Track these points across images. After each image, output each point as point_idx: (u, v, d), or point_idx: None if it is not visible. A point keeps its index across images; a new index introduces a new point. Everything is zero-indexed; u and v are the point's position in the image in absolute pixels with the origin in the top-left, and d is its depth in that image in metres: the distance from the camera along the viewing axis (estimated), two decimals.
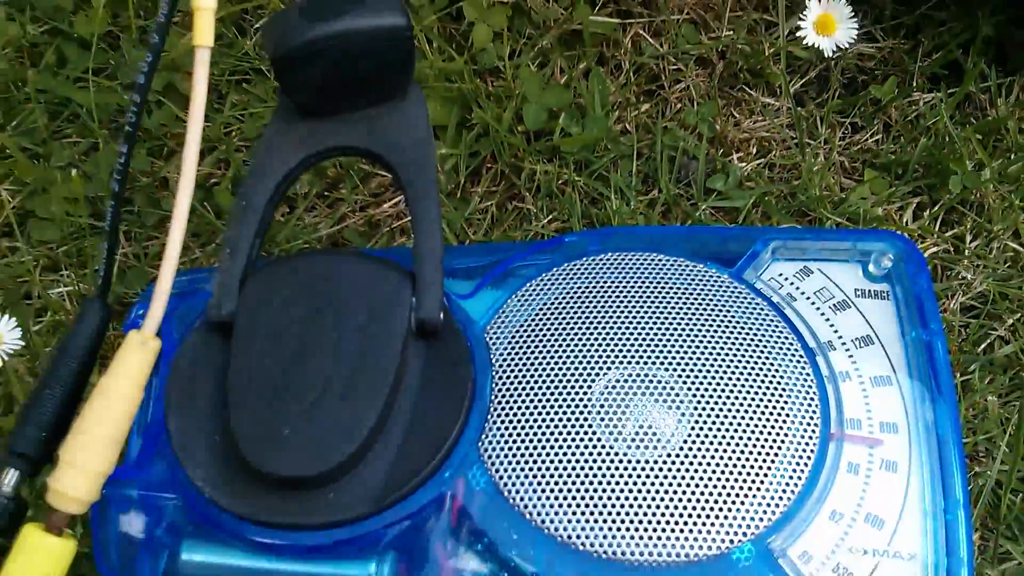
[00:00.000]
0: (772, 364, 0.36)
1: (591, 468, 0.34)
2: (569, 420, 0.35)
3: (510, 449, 0.35)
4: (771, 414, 0.35)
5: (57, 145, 0.54)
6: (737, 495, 0.33)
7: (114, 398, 0.34)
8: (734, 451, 0.34)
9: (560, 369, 0.36)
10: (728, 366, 0.36)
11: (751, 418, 0.34)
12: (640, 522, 0.33)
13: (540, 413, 0.35)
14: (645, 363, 0.36)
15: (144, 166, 0.52)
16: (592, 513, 0.33)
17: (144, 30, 0.57)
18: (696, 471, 0.33)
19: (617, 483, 0.33)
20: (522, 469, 0.34)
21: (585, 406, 0.35)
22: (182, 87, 0.54)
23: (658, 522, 0.33)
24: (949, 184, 0.50)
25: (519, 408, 0.35)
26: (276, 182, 0.38)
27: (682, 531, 0.33)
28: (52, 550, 0.33)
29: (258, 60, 0.56)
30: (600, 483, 0.34)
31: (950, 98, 0.53)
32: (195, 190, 0.50)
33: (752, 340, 0.36)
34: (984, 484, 0.43)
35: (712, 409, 0.35)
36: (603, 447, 0.34)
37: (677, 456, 0.34)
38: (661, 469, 0.34)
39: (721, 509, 0.33)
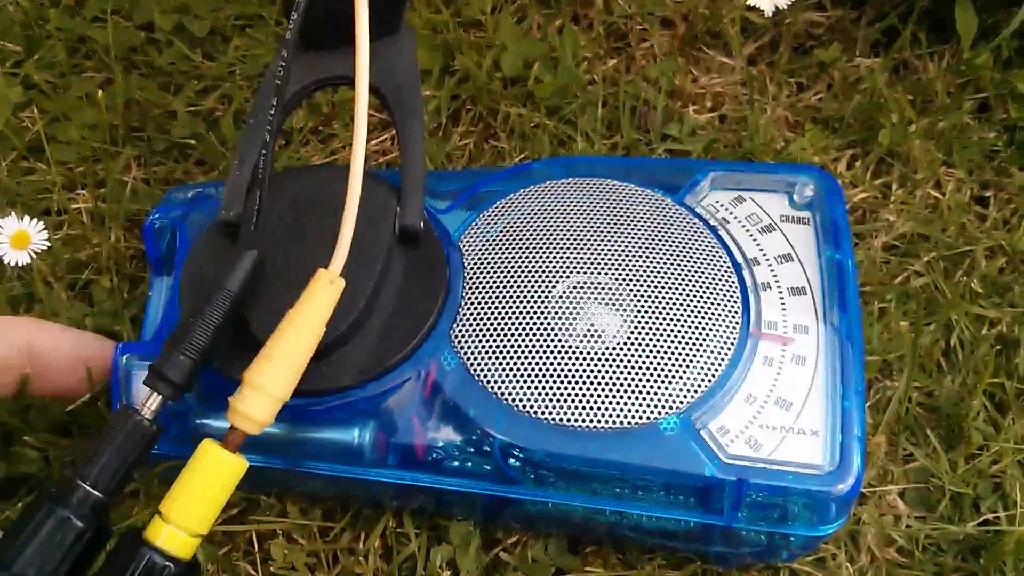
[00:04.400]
0: (704, 274, 0.42)
1: (546, 356, 0.40)
2: (529, 317, 0.41)
3: (478, 337, 0.40)
4: (700, 315, 0.40)
5: (75, 78, 0.59)
6: (666, 378, 0.39)
7: (302, 330, 0.36)
8: (666, 343, 0.40)
9: (524, 275, 0.42)
10: (666, 276, 0.41)
11: (682, 318, 0.40)
12: (584, 396, 0.39)
13: (505, 309, 0.41)
14: (597, 272, 0.42)
15: (155, 99, 0.57)
16: (545, 389, 0.39)
17: None
18: (633, 360, 0.39)
19: (567, 368, 0.39)
20: (488, 353, 0.40)
21: (544, 306, 0.41)
22: (191, 28, 0.59)
23: (598, 397, 0.39)
24: (879, 137, 0.56)
25: (487, 305, 0.41)
26: (281, 105, 0.43)
27: (618, 404, 0.38)
28: (227, 465, 0.35)
29: (260, 7, 0.61)
30: (553, 367, 0.39)
31: (880, 61, 0.59)
32: (200, 122, 0.56)
33: (688, 254, 0.42)
34: (892, 395, 0.49)
35: (650, 311, 0.40)
36: (557, 340, 0.40)
37: (618, 347, 0.40)
38: (604, 358, 0.39)
39: (652, 389, 0.39)
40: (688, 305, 0.41)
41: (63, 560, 0.34)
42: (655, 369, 0.39)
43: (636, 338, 0.40)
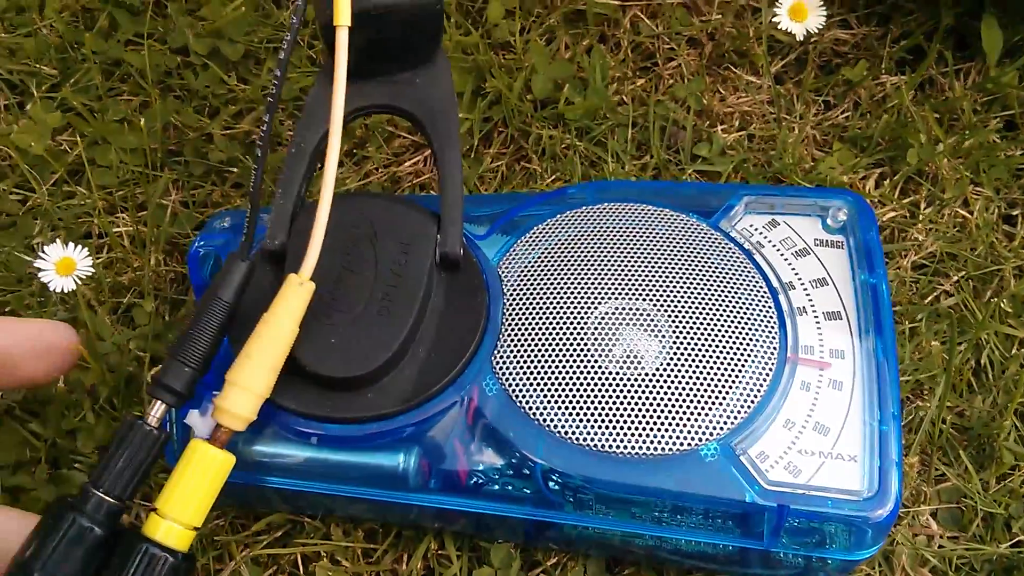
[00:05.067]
0: (740, 299, 0.42)
1: (585, 381, 0.40)
2: (568, 342, 0.41)
3: (519, 363, 0.41)
4: (737, 340, 0.41)
5: (112, 101, 0.60)
6: (705, 405, 0.40)
7: (275, 330, 0.38)
8: (704, 370, 0.40)
9: (562, 301, 0.43)
10: (703, 301, 0.42)
11: (720, 344, 0.41)
12: (624, 423, 0.39)
13: (544, 335, 0.42)
14: (634, 298, 0.42)
15: (192, 122, 0.58)
16: (585, 415, 0.40)
17: None
18: (672, 386, 0.40)
19: (606, 394, 0.40)
20: (529, 379, 0.41)
21: (582, 331, 0.42)
22: (226, 52, 0.60)
23: (639, 424, 0.39)
24: (907, 156, 0.56)
25: (526, 331, 0.42)
26: (322, 134, 0.44)
27: (658, 431, 0.39)
28: (216, 461, 0.37)
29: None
30: (592, 393, 0.40)
31: (907, 79, 0.59)
32: (236, 145, 0.57)
33: (724, 279, 0.43)
34: (924, 416, 0.49)
35: (688, 337, 0.41)
36: (596, 365, 0.41)
37: (656, 374, 0.40)
38: (643, 384, 0.40)
39: (692, 416, 0.39)
40: (726, 330, 0.41)
41: (82, 563, 0.36)
42: (694, 395, 0.40)
43: (675, 364, 0.40)
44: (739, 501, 0.38)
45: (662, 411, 0.39)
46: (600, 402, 0.40)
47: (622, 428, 0.39)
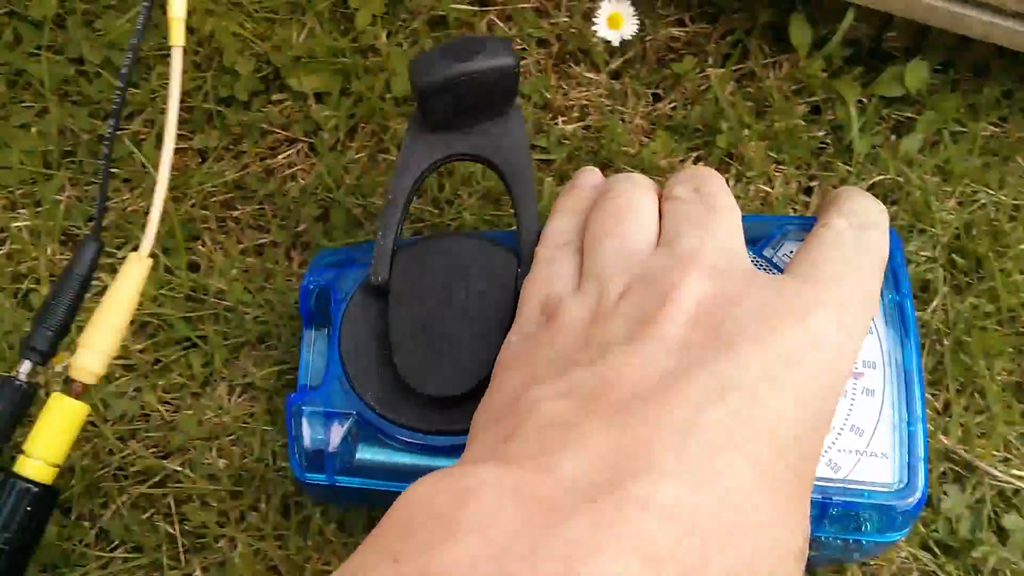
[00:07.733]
0: None
1: None
2: None
3: None
4: None
5: (15, 108, 0.66)
6: None
7: (119, 300, 0.47)
8: None
9: None
10: None
11: None
12: None
13: None
14: None
15: (86, 126, 0.65)
16: None
17: (88, 12, 0.69)
18: None
19: None
20: None
21: None
22: (116, 61, 0.67)
23: None
24: (718, 140, 0.64)
25: None
26: (413, 180, 0.50)
27: None
28: (72, 409, 0.46)
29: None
30: None
31: (724, 71, 0.67)
32: (127, 144, 0.64)
33: None
34: None
35: None
36: None
37: None
38: None
39: None
40: None
41: None
42: None
43: None
44: None
45: None
46: None
47: None
